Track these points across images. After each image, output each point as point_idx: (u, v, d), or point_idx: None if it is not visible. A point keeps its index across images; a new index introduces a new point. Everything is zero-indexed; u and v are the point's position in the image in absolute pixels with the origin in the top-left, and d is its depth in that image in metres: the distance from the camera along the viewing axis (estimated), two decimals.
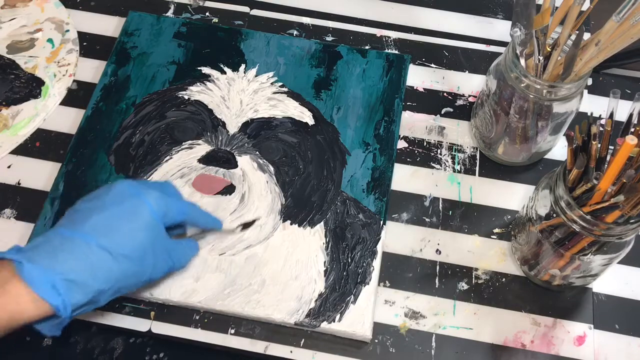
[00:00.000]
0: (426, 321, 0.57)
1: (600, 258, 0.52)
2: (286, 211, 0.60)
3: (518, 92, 0.56)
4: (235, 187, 0.61)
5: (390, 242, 0.61)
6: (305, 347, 0.56)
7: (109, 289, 0.47)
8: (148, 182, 0.54)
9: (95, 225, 0.47)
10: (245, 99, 0.66)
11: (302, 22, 0.75)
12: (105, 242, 0.46)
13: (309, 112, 0.66)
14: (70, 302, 0.44)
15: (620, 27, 0.49)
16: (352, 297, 0.57)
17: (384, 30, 0.74)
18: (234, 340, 0.56)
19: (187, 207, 0.53)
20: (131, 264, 0.47)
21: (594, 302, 0.59)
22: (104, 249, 0.46)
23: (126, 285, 0.48)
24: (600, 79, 0.71)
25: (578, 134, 0.49)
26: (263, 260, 0.58)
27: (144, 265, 0.49)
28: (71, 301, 0.44)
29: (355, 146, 0.65)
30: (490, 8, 0.77)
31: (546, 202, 0.52)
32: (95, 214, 0.47)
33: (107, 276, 0.46)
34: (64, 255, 0.45)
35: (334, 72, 0.69)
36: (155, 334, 0.56)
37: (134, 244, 0.48)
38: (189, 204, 0.54)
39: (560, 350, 0.56)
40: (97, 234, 0.46)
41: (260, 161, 0.62)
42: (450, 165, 0.65)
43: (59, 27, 0.73)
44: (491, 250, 0.61)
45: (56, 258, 0.45)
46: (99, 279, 0.46)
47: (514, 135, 0.61)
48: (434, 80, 0.71)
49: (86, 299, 0.45)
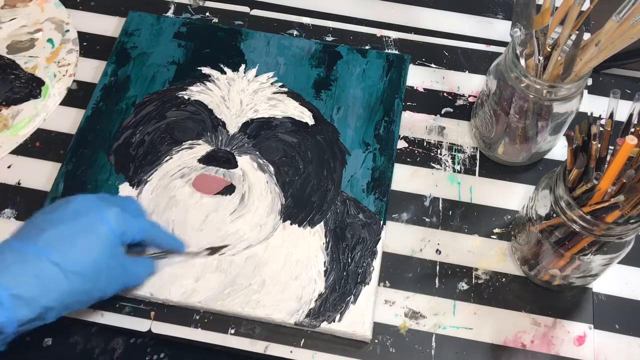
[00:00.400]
0: (426, 321, 0.57)
1: (600, 258, 0.52)
2: (286, 211, 0.61)
3: (518, 92, 0.56)
4: (235, 187, 0.61)
5: (390, 242, 0.61)
6: (305, 347, 0.56)
7: (57, 306, 0.45)
8: (109, 198, 0.53)
9: (48, 240, 0.45)
10: (245, 99, 0.66)
11: (302, 22, 0.75)
12: (58, 257, 0.45)
13: (309, 112, 0.66)
14: (15, 317, 0.43)
15: (620, 27, 0.49)
16: (352, 297, 0.57)
17: (384, 30, 0.74)
18: (234, 340, 0.56)
19: (148, 226, 0.52)
20: (83, 281, 0.46)
21: (594, 302, 0.59)
22: (55, 265, 0.45)
23: (76, 301, 0.47)
24: (600, 79, 0.71)
25: (578, 134, 0.49)
26: (263, 260, 0.58)
27: (96, 283, 0.47)
28: (17, 317, 0.43)
29: (355, 146, 0.65)
30: (490, 8, 0.77)
31: (546, 202, 0.52)
32: (51, 227, 0.46)
33: (56, 293, 0.45)
34: (13, 269, 0.44)
35: (334, 72, 0.69)
36: (155, 334, 0.56)
37: (88, 261, 0.46)
38: (150, 223, 0.54)
39: (560, 350, 0.56)
40: (50, 248, 0.45)
41: (260, 161, 0.62)
42: (450, 165, 0.65)
43: (59, 27, 0.73)
44: (491, 250, 0.61)
45: (5, 272, 0.43)
46: (47, 295, 0.44)
47: (514, 135, 0.61)
48: (434, 80, 0.71)
49: (33, 314, 0.44)
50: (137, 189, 0.61)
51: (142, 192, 0.61)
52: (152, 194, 0.61)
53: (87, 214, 0.48)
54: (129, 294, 0.57)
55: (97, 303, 0.57)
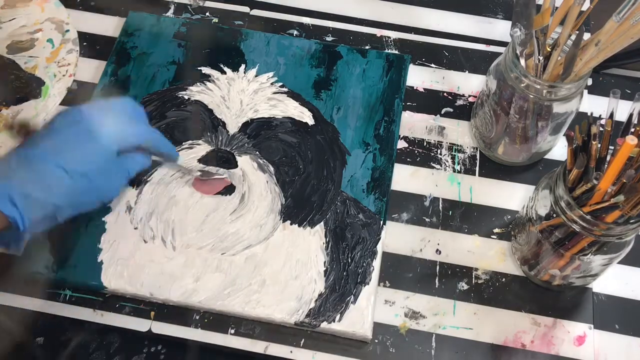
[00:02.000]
0: (426, 321, 0.57)
1: (600, 258, 0.52)
2: (286, 211, 0.60)
3: (518, 92, 0.56)
4: (235, 187, 0.61)
5: (390, 242, 0.61)
6: (305, 347, 0.56)
7: (65, 205, 0.48)
8: (106, 104, 0.54)
9: (51, 146, 0.48)
10: (245, 99, 0.66)
11: (302, 22, 0.75)
12: (61, 160, 0.48)
13: (309, 112, 0.66)
14: (27, 215, 0.45)
15: (620, 27, 0.49)
16: (352, 297, 0.57)
17: (384, 30, 0.74)
18: (234, 340, 0.56)
19: (145, 132, 0.54)
20: (86, 180, 0.49)
21: (594, 302, 0.59)
22: (59, 166, 0.47)
23: (83, 201, 0.50)
24: (600, 79, 0.71)
25: (578, 134, 0.49)
26: (263, 260, 0.58)
27: (100, 182, 0.50)
28: (28, 214, 0.46)
29: (355, 146, 0.65)
30: (490, 8, 0.77)
31: (546, 202, 0.52)
32: (53, 135, 0.49)
33: (62, 192, 0.48)
34: (20, 171, 0.46)
35: (334, 72, 0.69)
36: (155, 334, 0.56)
37: (89, 163, 0.49)
38: (147, 129, 0.55)
39: (560, 350, 0.56)
40: (54, 152, 0.48)
41: (260, 161, 0.62)
42: (450, 165, 0.65)
43: (59, 27, 0.73)
44: (491, 250, 0.61)
45: (13, 173, 0.46)
46: (55, 194, 0.47)
47: (514, 135, 0.61)
48: (434, 80, 0.71)
49: (43, 213, 0.47)
50: (137, 189, 0.61)
51: (142, 192, 0.61)
52: (152, 194, 0.61)
53: (85, 120, 0.50)
54: (129, 294, 0.57)
55: (98, 303, 0.57)
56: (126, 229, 0.59)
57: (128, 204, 0.61)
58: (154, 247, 0.59)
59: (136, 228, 0.59)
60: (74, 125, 0.50)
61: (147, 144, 0.54)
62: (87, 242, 0.59)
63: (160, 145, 0.56)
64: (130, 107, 0.54)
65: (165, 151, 0.56)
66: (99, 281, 0.57)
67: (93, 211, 0.51)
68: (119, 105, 0.54)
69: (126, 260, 0.58)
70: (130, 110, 0.54)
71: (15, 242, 0.47)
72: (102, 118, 0.50)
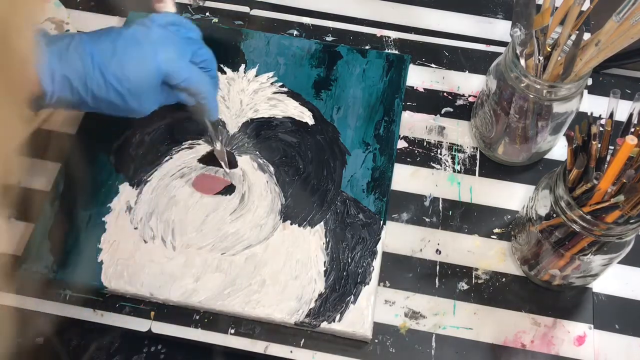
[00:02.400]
0: (426, 321, 0.57)
1: (600, 258, 0.52)
2: (286, 211, 0.60)
3: (518, 92, 0.56)
4: (235, 187, 0.61)
5: (390, 242, 0.61)
6: (305, 347, 0.56)
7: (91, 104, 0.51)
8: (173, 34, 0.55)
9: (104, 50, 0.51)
10: (245, 99, 0.66)
11: (302, 22, 0.75)
12: (105, 69, 0.50)
13: (309, 112, 0.66)
14: (57, 92, 0.49)
15: (620, 27, 0.49)
16: (352, 297, 0.57)
17: (384, 30, 0.74)
18: (234, 340, 0.56)
19: (196, 79, 0.55)
20: (119, 97, 0.51)
21: (594, 302, 0.59)
22: (101, 74, 0.50)
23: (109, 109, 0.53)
24: (600, 79, 0.71)
25: (578, 134, 0.49)
26: (263, 260, 0.58)
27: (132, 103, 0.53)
28: (58, 93, 0.49)
29: (355, 146, 0.65)
30: (490, 8, 0.77)
31: (546, 202, 0.52)
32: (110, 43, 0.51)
33: (96, 94, 0.51)
34: (71, 59, 0.49)
35: (334, 72, 0.69)
36: (155, 334, 0.56)
37: (127, 85, 0.51)
38: (199, 77, 0.55)
39: (560, 350, 0.56)
40: (103, 58, 0.50)
41: (260, 161, 0.62)
42: (450, 165, 0.65)
43: (59, 27, 0.73)
44: (491, 250, 0.61)
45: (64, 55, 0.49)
46: (89, 91, 0.50)
47: (514, 135, 0.61)
48: (434, 80, 0.71)
49: (70, 98, 0.50)
50: (137, 189, 0.61)
51: (142, 192, 0.61)
52: (152, 194, 0.61)
53: (143, 44, 0.52)
54: (129, 294, 0.57)
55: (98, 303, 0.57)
56: (126, 229, 0.59)
57: (128, 204, 0.61)
58: (154, 247, 0.59)
59: (136, 228, 0.59)
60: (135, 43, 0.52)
61: (193, 92, 0.56)
62: (87, 242, 0.59)
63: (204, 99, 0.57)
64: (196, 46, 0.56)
65: (206, 107, 0.58)
66: (99, 281, 0.57)
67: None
68: (186, 41, 0.55)
69: (126, 260, 0.58)
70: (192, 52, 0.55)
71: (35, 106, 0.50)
72: (162, 49, 0.52)
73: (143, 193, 0.61)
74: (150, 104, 0.55)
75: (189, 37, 0.56)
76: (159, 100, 0.56)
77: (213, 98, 0.58)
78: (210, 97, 0.57)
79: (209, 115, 0.59)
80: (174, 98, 0.57)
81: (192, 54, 0.55)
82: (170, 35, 0.54)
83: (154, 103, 0.55)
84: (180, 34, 0.55)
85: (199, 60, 0.56)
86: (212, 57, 0.58)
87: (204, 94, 0.56)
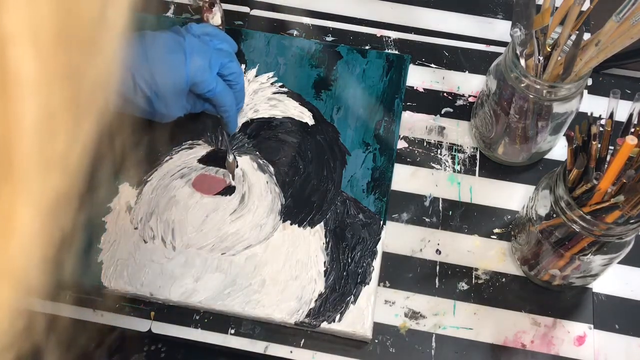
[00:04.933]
0: (426, 321, 0.57)
1: (600, 258, 0.52)
2: (286, 211, 0.61)
3: (518, 92, 0.56)
4: (235, 187, 0.61)
5: (390, 242, 0.61)
6: (305, 347, 0.56)
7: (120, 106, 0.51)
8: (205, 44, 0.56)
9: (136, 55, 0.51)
10: (245, 99, 0.66)
11: (302, 22, 0.75)
12: (137, 74, 0.51)
13: (309, 112, 0.66)
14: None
15: (620, 27, 0.49)
16: (352, 297, 0.57)
17: (384, 30, 0.74)
18: (234, 340, 0.56)
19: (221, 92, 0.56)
20: (147, 102, 0.52)
21: (594, 302, 0.59)
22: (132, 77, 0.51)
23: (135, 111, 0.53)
24: (600, 79, 0.71)
25: (578, 134, 0.49)
26: (263, 260, 0.58)
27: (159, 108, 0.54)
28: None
29: (355, 146, 0.65)
30: (490, 8, 0.77)
31: (546, 202, 0.52)
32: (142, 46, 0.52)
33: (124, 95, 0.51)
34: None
35: (334, 72, 0.69)
36: (155, 334, 0.56)
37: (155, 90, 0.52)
38: (225, 89, 0.56)
39: (560, 350, 0.56)
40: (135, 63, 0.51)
41: (260, 161, 0.62)
42: (450, 165, 0.65)
43: None
44: (491, 250, 0.61)
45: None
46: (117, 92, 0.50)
47: (514, 135, 0.61)
48: (434, 80, 0.71)
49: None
50: (137, 189, 0.61)
51: (142, 192, 0.61)
52: (152, 194, 0.61)
53: (175, 52, 0.53)
54: (129, 294, 0.57)
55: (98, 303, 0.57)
56: (126, 229, 0.59)
57: (128, 204, 0.61)
58: (154, 247, 0.59)
59: (136, 228, 0.59)
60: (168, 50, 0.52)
61: (216, 103, 0.57)
62: (87, 242, 0.59)
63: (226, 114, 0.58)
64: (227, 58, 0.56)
65: (225, 119, 0.59)
66: (99, 281, 0.57)
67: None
68: (217, 53, 0.56)
69: (126, 260, 0.58)
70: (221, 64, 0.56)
71: None
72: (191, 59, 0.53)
73: (143, 193, 0.61)
74: (177, 110, 0.55)
75: (220, 49, 0.57)
76: (186, 108, 0.56)
77: (234, 112, 0.59)
78: (231, 111, 0.58)
79: (227, 128, 0.60)
80: (200, 107, 0.58)
81: (221, 66, 0.56)
82: (202, 45, 0.55)
83: (180, 109, 0.56)
84: (213, 45, 0.56)
85: (227, 72, 0.56)
86: (241, 71, 0.59)
87: (226, 107, 0.57)
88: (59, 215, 0.25)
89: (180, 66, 0.52)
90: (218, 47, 0.57)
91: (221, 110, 0.58)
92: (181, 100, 0.55)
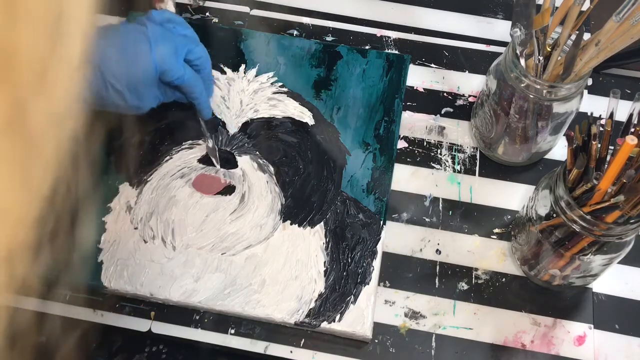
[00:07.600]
0: (426, 321, 0.57)
1: (600, 258, 0.52)
2: (286, 211, 0.60)
3: (518, 92, 0.56)
4: (235, 187, 0.61)
5: (390, 242, 0.61)
6: (305, 347, 0.56)
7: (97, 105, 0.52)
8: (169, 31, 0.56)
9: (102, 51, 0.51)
10: (245, 99, 0.66)
11: (302, 22, 0.75)
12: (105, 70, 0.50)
13: (309, 112, 0.66)
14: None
15: (620, 27, 0.49)
16: (352, 297, 0.57)
17: (384, 30, 0.74)
18: (234, 340, 0.56)
19: (190, 78, 0.55)
20: (119, 96, 0.52)
21: (594, 302, 0.59)
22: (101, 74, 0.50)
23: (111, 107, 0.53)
24: (600, 79, 0.71)
25: (578, 134, 0.49)
26: (263, 260, 0.58)
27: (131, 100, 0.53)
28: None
29: (355, 146, 0.65)
30: (490, 8, 0.77)
31: (546, 202, 0.52)
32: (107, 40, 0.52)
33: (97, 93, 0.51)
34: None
35: (334, 72, 0.69)
36: (155, 334, 0.56)
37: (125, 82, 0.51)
38: (193, 76, 0.56)
39: (560, 350, 0.56)
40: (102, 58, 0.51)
41: (260, 161, 0.62)
42: (450, 165, 0.65)
43: None
44: (491, 250, 0.61)
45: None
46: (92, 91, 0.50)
47: (514, 135, 0.61)
48: (434, 80, 0.71)
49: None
50: (137, 189, 0.61)
51: (142, 192, 0.61)
52: (152, 194, 0.61)
53: (139, 41, 0.52)
54: (129, 294, 0.57)
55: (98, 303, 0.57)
56: (126, 229, 0.59)
57: (128, 204, 0.61)
58: (154, 247, 0.59)
59: (136, 228, 0.59)
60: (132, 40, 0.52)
61: (186, 91, 0.56)
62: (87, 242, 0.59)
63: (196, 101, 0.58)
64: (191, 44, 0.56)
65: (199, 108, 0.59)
66: (99, 281, 0.57)
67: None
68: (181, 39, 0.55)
69: (126, 260, 0.58)
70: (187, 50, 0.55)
71: None
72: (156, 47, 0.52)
73: (143, 193, 0.61)
74: (150, 101, 0.55)
75: (184, 35, 0.56)
76: (158, 97, 0.56)
77: (205, 97, 0.58)
78: (202, 97, 0.58)
79: (201, 114, 0.60)
80: (172, 95, 0.58)
81: (187, 52, 0.55)
82: (165, 32, 0.54)
83: (153, 100, 0.55)
84: (177, 32, 0.55)
85: (194, 57, 0.56)
86: (207, 56, 0.58)
87: (196, 93, 0.57)
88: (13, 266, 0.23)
89: (146, 56, 0.52)
90: (182, 33, 0.56)
91: (192, 97, 0.57)
92: (153, 90, 0.55)
